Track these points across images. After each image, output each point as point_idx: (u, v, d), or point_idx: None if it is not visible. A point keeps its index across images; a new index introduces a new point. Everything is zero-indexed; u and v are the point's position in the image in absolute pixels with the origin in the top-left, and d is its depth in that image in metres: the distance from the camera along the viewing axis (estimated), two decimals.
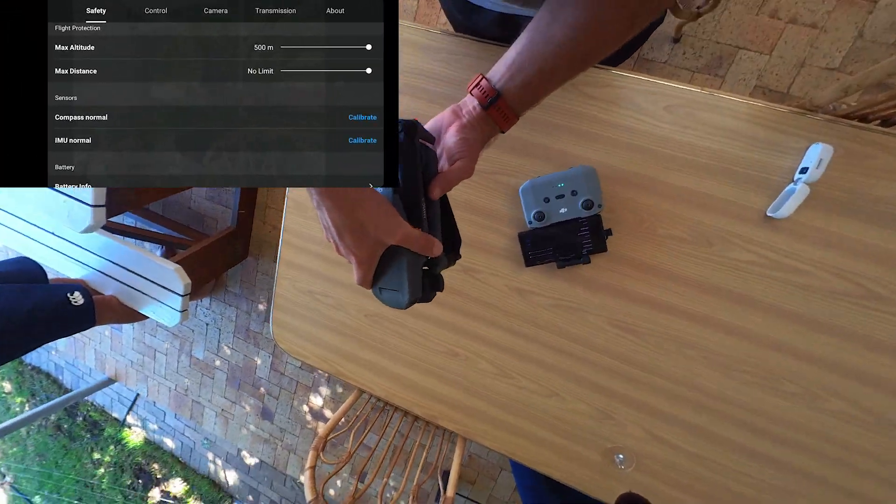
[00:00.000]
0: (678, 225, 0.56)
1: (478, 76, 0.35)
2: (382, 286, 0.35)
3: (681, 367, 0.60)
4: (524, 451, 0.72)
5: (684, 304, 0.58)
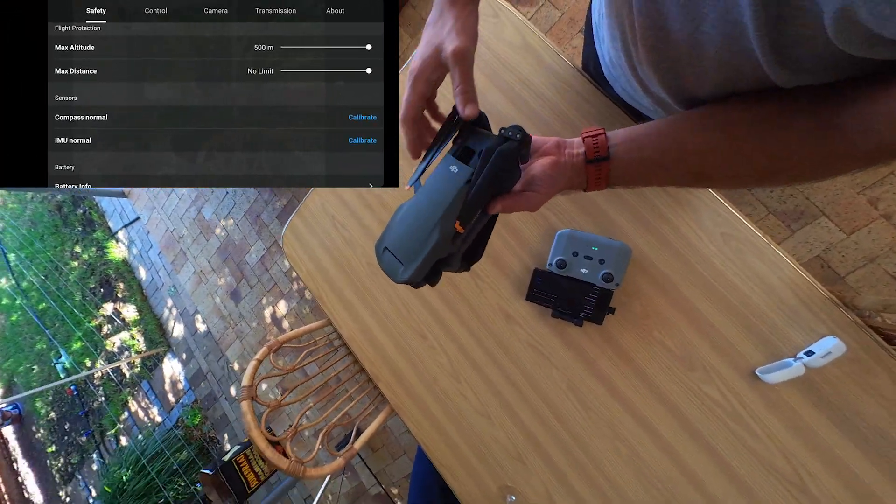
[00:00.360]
0: (674, 338, 0.58)
1: (599, 129, 0.34)
2: (389, 247, 0.32)
3: (604, 453, 0.63)
4: (437, 448, 0.77)
5: (640, 404, 0.61)
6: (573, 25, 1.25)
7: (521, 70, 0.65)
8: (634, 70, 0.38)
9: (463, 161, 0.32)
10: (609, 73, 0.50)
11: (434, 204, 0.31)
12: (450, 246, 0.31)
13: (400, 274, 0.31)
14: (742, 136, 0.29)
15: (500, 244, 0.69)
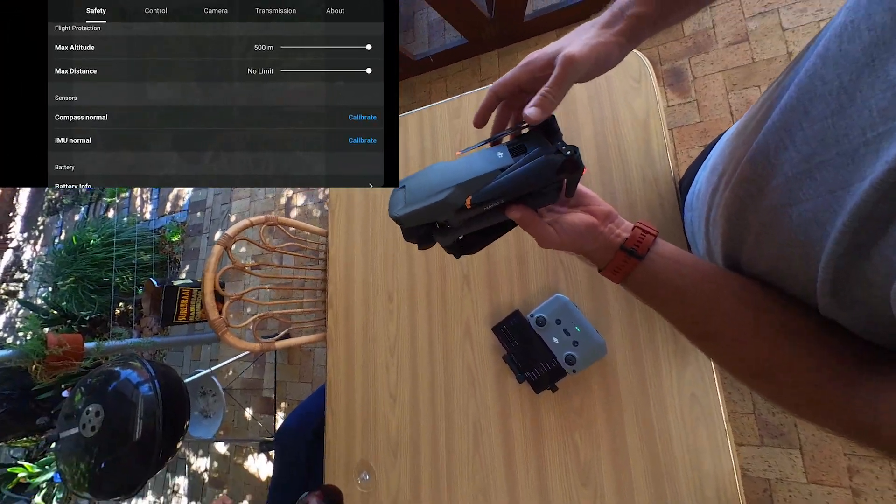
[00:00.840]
0: (589, 449, 0.58)
1: (655, 229, 0.34)
2: (406, 185, 0.32)
3: (465, 496, 0.64)
4: (337, 395, 0.80)
5: (522, 479, 0.61)
6: (702, 137, 1.21)
7: (624, 136, 0.65)
8: (710, 209, 0.37)
9: (513, 155, 0.32)
10: (690, 200, 0.49)
11: (462, 171, 0.31)
12: (451, 214, 0.31)
13: (396, 209, 0.32)
14: (764, 335, 0.29)
15: (504, 269, 0.69)
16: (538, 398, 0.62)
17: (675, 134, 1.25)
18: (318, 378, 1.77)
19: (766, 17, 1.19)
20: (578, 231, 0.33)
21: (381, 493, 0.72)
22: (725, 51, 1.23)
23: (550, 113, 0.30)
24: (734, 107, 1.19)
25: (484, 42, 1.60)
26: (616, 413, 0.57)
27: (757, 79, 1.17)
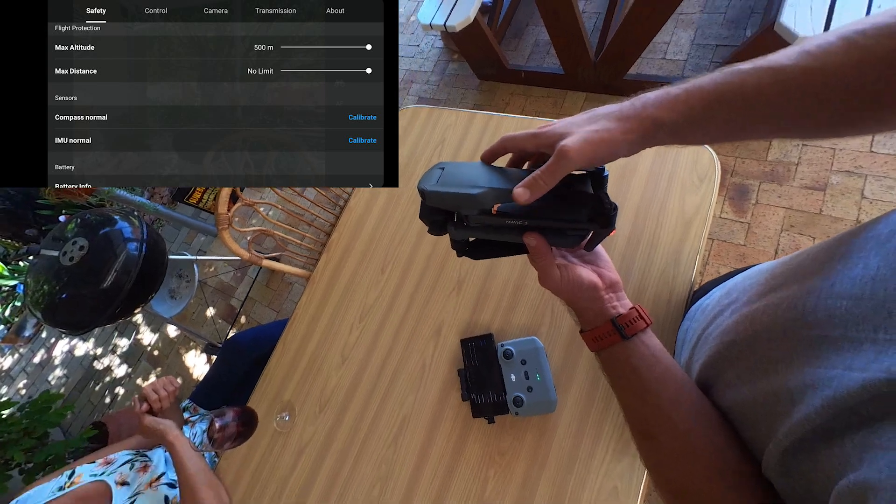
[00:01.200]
0: (498, 489, 0.58)
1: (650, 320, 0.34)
2: (445, 167, 0.32)
3: (365, 474, 0.65)
4: (294, 331, 0.81)
5: (424, 484, 0.62)
6: (737, 261, 1.20)
7: (664, 223, 0.64)
8: (707, 327, 0.37)
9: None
10: (695, 310, 0.49)
11: (502, 178, 0.31)
12: (474, 212, 0.31)
13: (426, 183, 0.32)
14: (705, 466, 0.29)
15: (497, 290, 0.70)
16: (472, 422, 0.62)
17: (713, 245, 1.24)
18: (284, 311, 1.79)
19: (850, 177, 1.17)
20: (580, 285, 0.33)
21: (292, 439, 0.73)
22: (798, 191, 1.21)
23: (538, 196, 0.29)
24: (782, 246, 1.17)
25: (577, 80, 1.60)
26: (536, 470, 0.57)
27: (816, 230, 1.15)
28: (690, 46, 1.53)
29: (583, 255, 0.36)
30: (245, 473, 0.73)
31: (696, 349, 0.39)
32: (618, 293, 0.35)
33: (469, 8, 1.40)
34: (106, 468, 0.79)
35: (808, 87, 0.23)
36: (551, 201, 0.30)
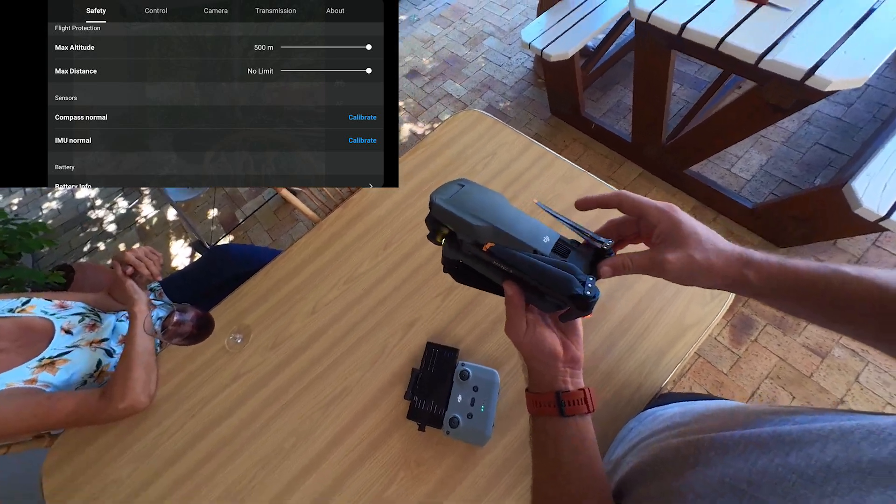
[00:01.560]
0: (400, 494, 0.58)
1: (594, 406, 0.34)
2: (465, 187, 0.34)
3: (267, 443, 0.66)
4: (280, 267, 0.82)
5: (334, 461, 0.62)
6: (713, 386, 1.18)
7: (659, 322, 0.64)
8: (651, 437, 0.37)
9: (554, 249, 0.32)
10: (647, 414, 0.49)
11: (508, 221, 0.32)
12: (469, 240, 0.32)
13: (438, 196, 0.33)
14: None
15: (482, 313, 0.70)
16: (404, 422, 0.62)
17: (697, 361, 1.23)
18: (279, 243, 1.81)
19: (853, 357, 1.16)
20: (541, 348, 0.34)
21: (234, 362, 0.73)
22: (798, 347, 1.20)
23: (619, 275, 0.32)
24: (761, 391, 1.16)
25: (640, 154, 1.60)
26: (442, 493, 0.57)
27: (799, 391, 1.14)
28: (758, 170, 1.53)
29: (558, 321, 0.37)
30: (178, 374, 0.74)
31: (631, 451, 0.39)
32: (574, 369, 0.35)
33: (572, 44, 1.41)
34: (59, 311, 0.80)
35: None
36: (543, 264, 0.30)
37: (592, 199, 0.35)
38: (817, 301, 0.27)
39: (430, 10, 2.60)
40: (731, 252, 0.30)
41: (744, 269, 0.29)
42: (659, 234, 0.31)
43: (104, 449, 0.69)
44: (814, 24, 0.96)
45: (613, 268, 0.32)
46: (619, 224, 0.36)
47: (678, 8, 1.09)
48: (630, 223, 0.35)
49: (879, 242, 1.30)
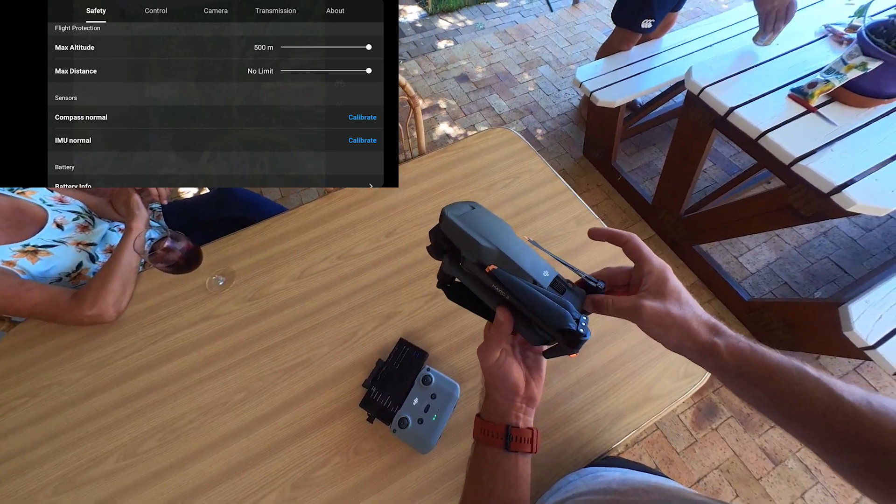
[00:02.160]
0: (329, 477, 0.58)
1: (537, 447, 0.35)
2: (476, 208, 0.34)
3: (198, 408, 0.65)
4: (276, 227, 0.82)
5: (271, 429, 0.62)
6: (664, 463, 1.18)
7: (627, 384, 0.64)
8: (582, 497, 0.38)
9: (552, 284, 0.33)
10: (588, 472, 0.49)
11: (514, 250, 0.33)
12: (471, 258, 0.33)
13: (450, 211, 0.34)
14: None
15: (461, 326, 0.70)
16: (355, 409, 0.62)
17: (655, 433, 1.22)
18: (287, 202, 1.81)
19: (805, 473, 1.15)
20: (506, 379, 0.35)
21: (209, 303, 0.73)
22: (755, 448, 1.20)
23: (606, 314, 0.33)
24: (706, 480, 1.16)
25: (656, 218, 1.62)
26: (371, 487, 0.57)
27: (744, 491, 1.13)
28: (764, 266, 1.54)
29: (527, 357, 0.37)
30: (152, 297, 0.74)
31: (562, 502, 0.39)
32: (529, 407, 0.36)
33: (621, 95, 1.43)
34: (57, 204, 0.80)
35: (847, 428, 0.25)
36: (542, 294, 0.31)
37: (605, 231, 0.37)
38: (774, 390, 0.28)
39: (496, 22, 2.63)
40: (707, 320, 0.31)
41: (715, 337, 0.30)
42: (646, 283, 0.33)
43: (58, 350, 0.69)
44: (855, 144, 0.98)
45: (595, 302, 0.33)
46: (613, 273, 0.37)
47: (731, 91, 1.11)
48: (623, 274, 0.36)
49: (860, 370, 1.31)
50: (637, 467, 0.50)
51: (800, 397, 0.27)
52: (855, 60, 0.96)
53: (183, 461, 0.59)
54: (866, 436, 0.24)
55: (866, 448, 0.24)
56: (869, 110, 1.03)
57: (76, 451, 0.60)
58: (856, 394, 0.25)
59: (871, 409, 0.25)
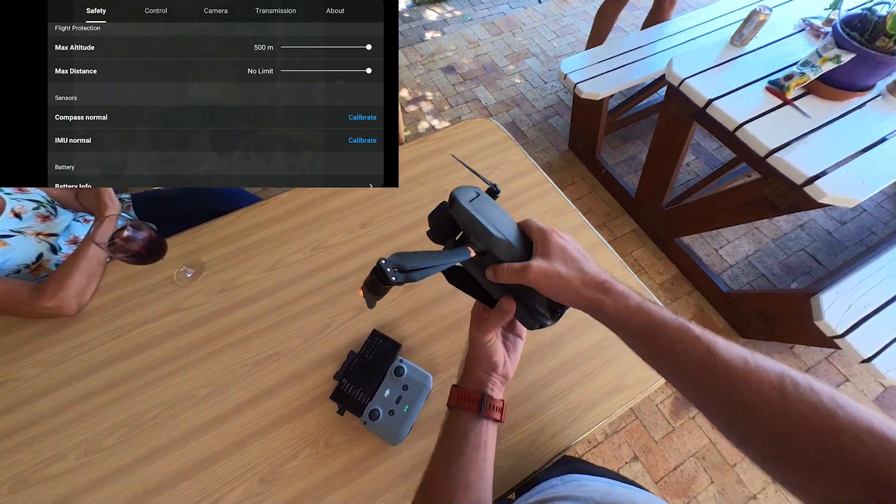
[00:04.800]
0: (300, 470, 0.57)
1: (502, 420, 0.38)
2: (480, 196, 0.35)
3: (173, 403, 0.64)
4: (250, 217, 0.80)
5: (244, 422, 0.60)
6: (643, 452, 1.20)
7: (602, 373, 0.65)
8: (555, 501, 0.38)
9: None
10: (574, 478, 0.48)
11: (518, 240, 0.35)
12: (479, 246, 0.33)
13: (460, 194, 0.34)
14: None
15: (436, 317, 0.69)
16: (325, 402, 0.61)
17: (634, 422, 1.25)
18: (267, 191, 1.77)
19: None
20: (491, 358, 0.38)
21: (176, 295, 0.71)
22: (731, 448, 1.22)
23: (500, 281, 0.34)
24: (683, 468, 1.18)
25: (638, 212, 1.63)
26: (341, 480, 0.56)
27: (718, 476, 1.16)
28: (743, 258, 1.57)
29: (507, 339, 0.41)
30: (116, 290, 0.72)
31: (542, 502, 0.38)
32: (502, 384, 0.40)
33: (606, 87, 1.43)
34: (15, 192, 0.77)
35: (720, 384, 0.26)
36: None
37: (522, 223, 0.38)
38: (654, 347, 0.29)
39: (485, 13, 2.60)
40: (594, 276, 0.32)
41: (601, 294, 0.31)
42: (536, 249, 0.34)
43: (15, 344, 0.66)
44: (827, 137, 1.00)
45: (494, 271, 0.34)
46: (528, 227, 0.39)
47: (711, 83, 1.12)
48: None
49: (832, 359, 1.35)
50: (624, 480, 0.49)
51: (678, 354, 0.28)
52: (829, 53, 0.97)
53: (146, 457, 0.57)
54: (737, 394, 0.25)
55: (738, 405, 0.25)
56: (842, 103, 1.05)
57: (33, 448, 0.58)
58: (734, 352, 0.26)
59: (745, 367, 0.25)
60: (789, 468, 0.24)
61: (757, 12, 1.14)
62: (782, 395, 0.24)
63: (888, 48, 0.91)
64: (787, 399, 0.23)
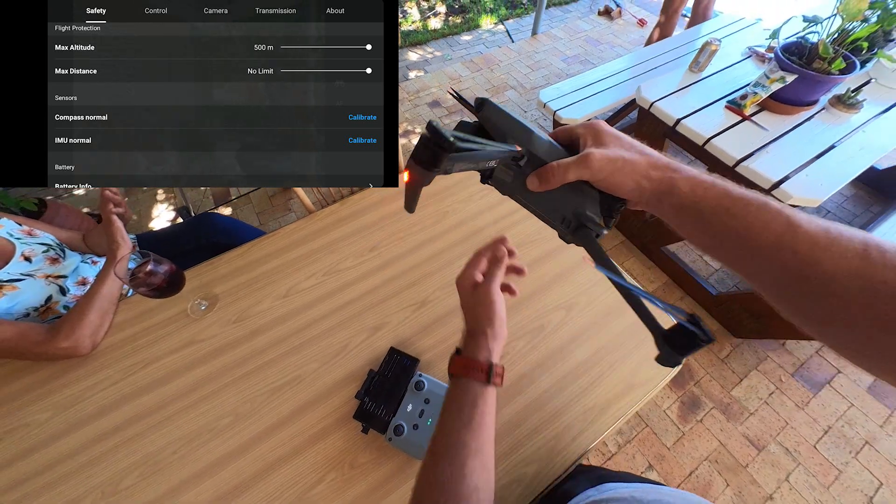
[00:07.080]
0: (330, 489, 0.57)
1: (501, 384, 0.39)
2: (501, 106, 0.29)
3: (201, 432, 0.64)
4: (260, 250, 0.83)
5: (267, 448, 0.60)
6: (657, 460, 1.20)
7: (611, 375, 0.67)
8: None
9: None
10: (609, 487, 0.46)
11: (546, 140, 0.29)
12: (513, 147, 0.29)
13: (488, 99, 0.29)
14: None
15: (450, 332, 0.72)
16: (349, 421, 0.62)
17: (644, 430, 1.25)
18: (266, 228, 1.80)
19: (786, 455, 1.20)
20: (490, 304, 0.42)
21: (191, 328, 0.72)
22: (738, 437, 1.24)
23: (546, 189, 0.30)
24: (698, 472, 1.18)
25: (623, 224, 1.72)
26: (370, 499, 0.56)
27: (733, 480, 1.17)
28: None
29: None
30: (131, 327, 0.72)
31: None
32: (500, 345, 0.42)
33: (583, 112, 1.55)
34: (25, 237, 0.78)
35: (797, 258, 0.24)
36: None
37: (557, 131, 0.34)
38: (728, 224, 0.26)
39: (462, 53, 2.81)
40: (659, 157, 0.29)
41: (671, 172, 0.28)
42: (585, 144, 0.30)
43: (25, 390, 0.65)
44: (786, 146, 1.11)
45: (539, 176, 0.30)
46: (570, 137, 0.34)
47: (677, 105, 1.24)
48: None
49: (822, 352, 1.41)
50: (646, 481, 0.48)
51: (755, 230, 0.25)
52: (775, 75, 1.10)
53: (167, 494, 0.56)
54: (818, 265, 0.23)
55: (815, 279, 0.23)
56: (793, 117, 1.17)
57: (48, 495, 0.56)
58: (815, 223, 0.24)
59: (828, 237, 0.23)
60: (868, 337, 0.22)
61: (709, 43, 1.29)
62: (866, 262, 0.22)
63: (824, 69, 1.04)
64: (872, 265, 0.21)
